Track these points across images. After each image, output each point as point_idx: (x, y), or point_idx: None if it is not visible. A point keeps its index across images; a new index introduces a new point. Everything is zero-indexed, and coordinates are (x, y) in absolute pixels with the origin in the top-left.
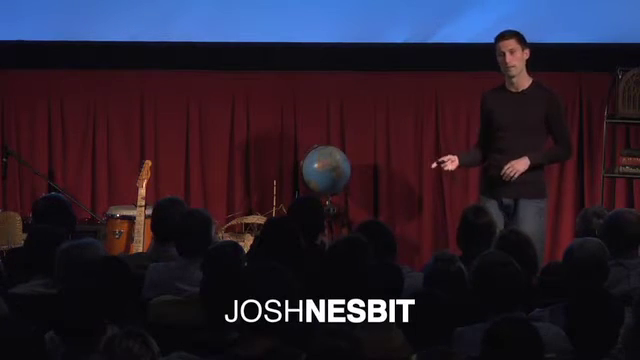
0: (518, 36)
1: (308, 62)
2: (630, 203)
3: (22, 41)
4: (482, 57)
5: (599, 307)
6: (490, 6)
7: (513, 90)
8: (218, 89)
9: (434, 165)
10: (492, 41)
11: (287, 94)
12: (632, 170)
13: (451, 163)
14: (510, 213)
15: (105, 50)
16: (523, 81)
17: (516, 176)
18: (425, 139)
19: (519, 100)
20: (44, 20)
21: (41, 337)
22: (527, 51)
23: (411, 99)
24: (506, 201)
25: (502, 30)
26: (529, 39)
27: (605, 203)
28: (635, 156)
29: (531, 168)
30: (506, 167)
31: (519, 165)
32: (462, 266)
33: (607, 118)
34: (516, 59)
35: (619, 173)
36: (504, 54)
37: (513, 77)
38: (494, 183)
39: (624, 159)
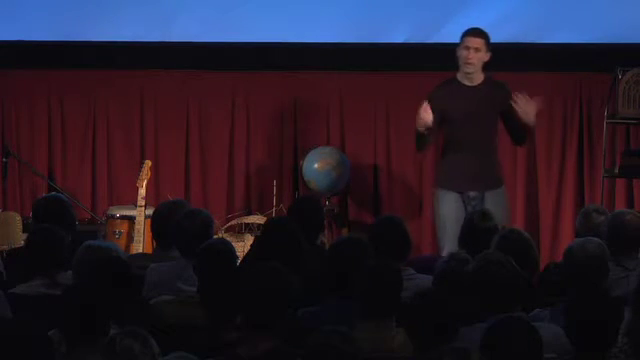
0: (487, 38)
1: (308, 62)
2: (630, 203)
3: (22, 41)
4: None
5: (599, 307)
6: (490, 6)
7: (468, 84)
8: (218, 89)
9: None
10: (492, 41)
11: (287, 94)
12: (632, 170)
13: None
14: (476, 205)
15: (105, 50)
16: (479, 76)
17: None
18: None
19: (474, 94)
20: (44, 20)
21: (46, 337)
22: (489, 54)
23: (411, 99)
24: (472, 194)
25: (502, 29)
26: (529, 39)
27: (605, 203)
28: (635, 156)
29: (490, 159)
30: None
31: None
32: None
33: (607, 118)
34: (477, 58)
35: (619, 173)
36: (469, 49)
37: (469, 74)
38: (455, 177)
39: (624, 159)
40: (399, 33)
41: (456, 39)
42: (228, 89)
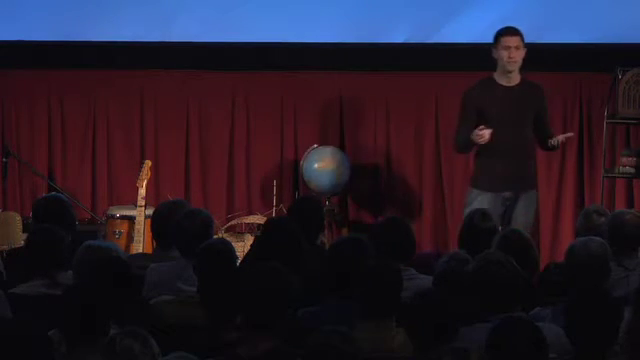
0: (522, 34)
1: (308, 62)
2: (630, 203)
3: (22, 41)
4: (482, 57)
5: (599, 307)
6: (490, 6)
7: (505, 84)
8: (218, 89)
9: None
10: (492, 41)
11: (287, 94)
12: (632, 170)
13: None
14: (510, 205)
15: (105, 50)
16: (516, 76)
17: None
18: (425, 139)
19: (511, 94)
20: (44, 20)
21: (46, 337)
22: (525, 50)
23: (411, 99)
24: (507, 194)
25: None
26: (529, 39)
27: (605, 203)
28: (635, 156)
29: (526, 160)
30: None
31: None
32: None
33: (607, 118)
34: (519, 55)
35: (619, 173)
36: (509, 49)
37: (511, 72)
38: (491, 177)
39: (624, 159)
40: (399, 33)
41: (456, 39)
42: (228, 89)
